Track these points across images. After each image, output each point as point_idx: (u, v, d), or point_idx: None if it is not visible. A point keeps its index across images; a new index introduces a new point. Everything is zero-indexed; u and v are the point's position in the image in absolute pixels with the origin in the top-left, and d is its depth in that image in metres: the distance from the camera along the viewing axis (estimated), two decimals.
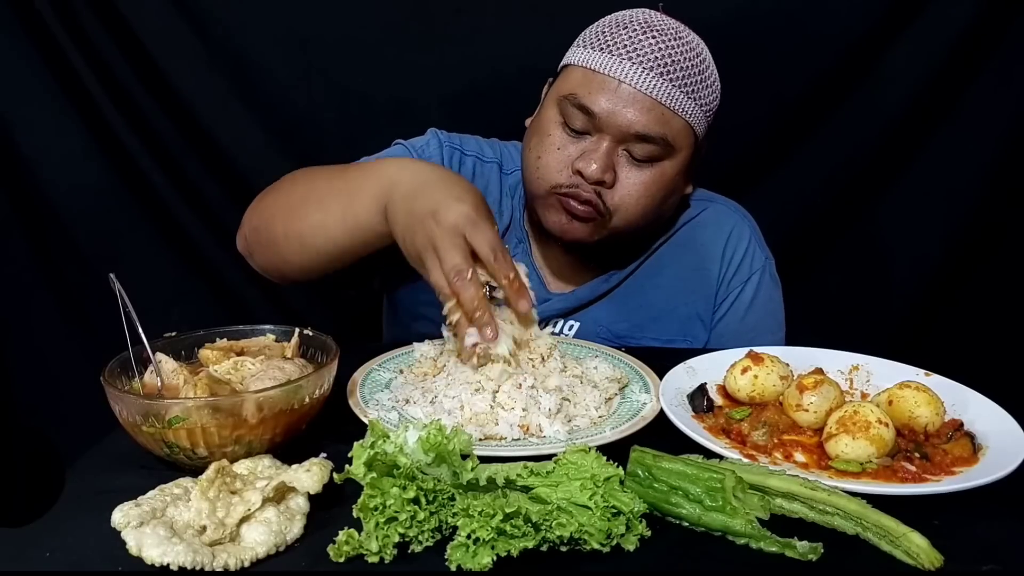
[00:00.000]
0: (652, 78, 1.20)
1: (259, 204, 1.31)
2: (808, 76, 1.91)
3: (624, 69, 1.21)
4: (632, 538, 0.73)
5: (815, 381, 0.98)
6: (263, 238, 1.27)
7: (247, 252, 1.33)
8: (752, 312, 1.44)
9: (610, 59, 1.22)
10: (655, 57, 1.21)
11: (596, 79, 1.23)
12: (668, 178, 1.28)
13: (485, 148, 1.50)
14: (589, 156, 1.23)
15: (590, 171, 1.23)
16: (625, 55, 1.21)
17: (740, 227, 1.47)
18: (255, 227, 1.29)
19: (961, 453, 0.90)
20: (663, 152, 1.25)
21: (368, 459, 0.74)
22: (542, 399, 0.99)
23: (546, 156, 1.28)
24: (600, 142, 1.24)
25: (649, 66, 1.20)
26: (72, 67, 1.89)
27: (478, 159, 1.47)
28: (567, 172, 1.26)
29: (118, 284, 0.92)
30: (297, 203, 1.23)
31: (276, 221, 1.25)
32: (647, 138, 1.23)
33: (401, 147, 1.44)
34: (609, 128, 1.23)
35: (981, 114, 1.91)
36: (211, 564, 0.69)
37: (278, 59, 1.92)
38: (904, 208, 2.00)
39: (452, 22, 1.90)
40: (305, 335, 1.05)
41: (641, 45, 1.21)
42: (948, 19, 1.85)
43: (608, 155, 1.23)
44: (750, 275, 1.45)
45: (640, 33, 1.23)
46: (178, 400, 0.86)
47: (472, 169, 1.46)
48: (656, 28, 1.24)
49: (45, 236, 2.01)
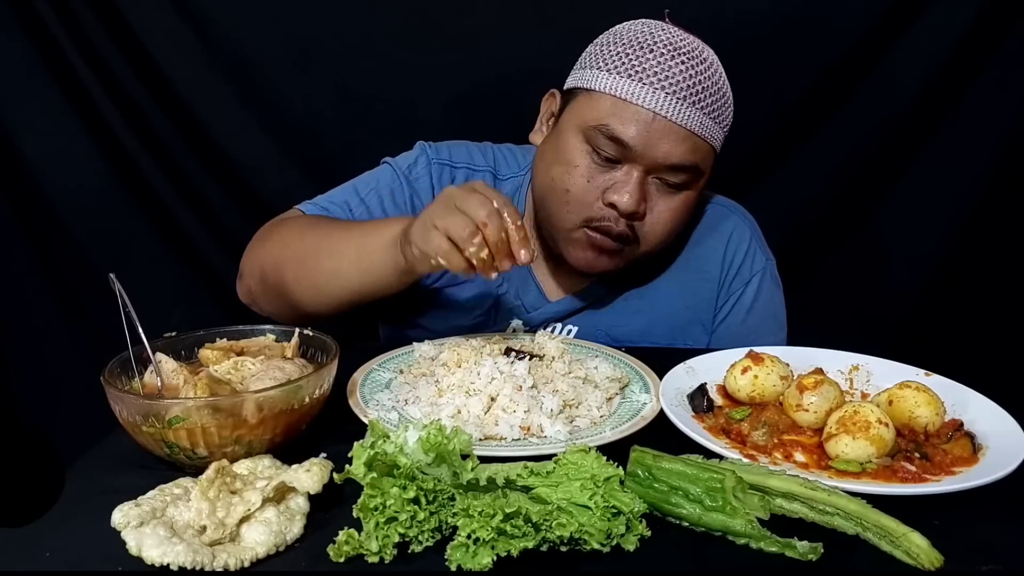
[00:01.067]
0: (686, 108, 1.19)
1: (259, 253, 1.31)
2: (809, 76, 1.91)
3: (658, 100, 1.18)
4: (632, 538, 0.73)
5: (815, 381, 0.98)
6: (271, 287, 1.28)
7: (250, 300, 1.34)
8: (753, 314, 1.44)
9: (642, 88, 1.19)
10: (687, 86, 1.19)
11: (629, 109, 1.19)
12: (692, 201, 1.30)
13: (476, 156, 1.47)
14: (622, 188, 1.21)
15: (624, 203, 1.21)
16: (658, 84, 1.18)
17: (741, 228, 1.46)
18: (261, 277, 1.29)
19: (961, 453, 0.90)
20: (693, 179, 1.25)
21: (368, 459, 0.75)
22: (545, 400, 0.99)
23: (575, 189, 1.24)
24: (631, 172, 1.22)
25: (682, 96, 1.19)
26: (72, 68, 1.89)
27: (469, 169, 1.45)
28: (598, 204, 1.24)
29: (118, 284, 0.92)
30: (309, 252, 1.24)
31: (286, 270, 1.25)
32: (680, 168, 1.22)
33: (388, 167, 1.42)
34: (643, 159, 1.21)
35: (982, 115, 1.91)
36: (211, 564, 0.69)
37: (279, 60, 1.92)
38: (904, 208, 2.00)
39: (453, 22, 1.90)
40: (305, 335, 1.05)
41: (672, 72, 1.19)
42: (949, 20, 1.84)
43: (640, 186, 1.22)
44: (751, 277, 1.44)
45: (669, 59, 1.19)
46: (178, 400, 0.86)
47: (464, 182, 1.44)
48: (683, 52, 1.21)
49: (45, 237, 2.01)
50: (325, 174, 1.89)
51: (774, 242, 1.52)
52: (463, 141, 1.51)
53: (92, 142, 1.95)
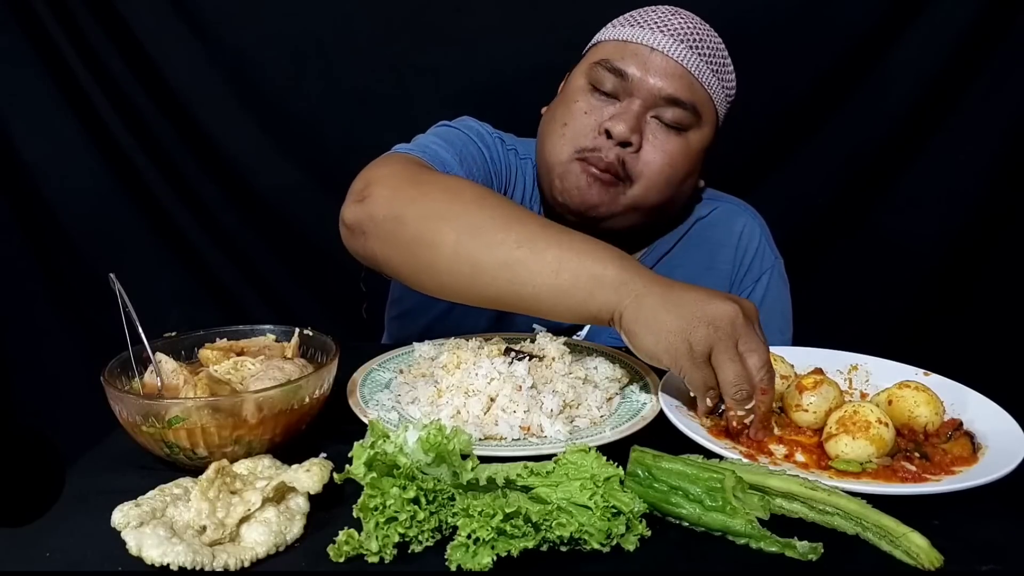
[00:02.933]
0: (684, 49, 1.25)
1: (410, 191, 1.06)
2: (810, 76, 1.91)
3: (656, 39, 1.25)
4: (632, 538, 0.73)
5: (815, 381, 0.98)
6: (404, 231, 1.03)
7: (360, 230, 1.07)
8: (762, 311, 1.39)
9: (642, 31, 1.27)
10: (685, 31, 1.27)
11: (629, 47, 1.27)
12: (693, 151, 1.30)
13: (518, 144, 1.46)
14: (619, 117, 1.25)
15: (618, 130, 1.23)
16: (656, 28, 1.27)
17: (751, 226, 1.47)
18: (397, 216, 1.04)
19: (961, 453, 0.90)
20: (691, 120, 1.27)
21: (368, 459, 0.74)
22: (545, 400, 0.99)
23: (573, 121, 1.28)
24: (631, 104, 1.25)
25: (680, 38, 1.26)
26: (70, 68, 1.89)
27: (515, 154, 1.44)
28: (592, 134, 1.26)
29: (118, 284, 0.92)
30: (492, 227, 1.00)
31: (446, 227, 1.01)
32: (677, 102, 1.25)
33: (472, 120, 1.40)
34: (640, 91, 1.25)
35: (983, 114, 1.91)
36: (211, 564, 0.69)
37: (277, 59, 1.92)
38: (904, 208, 2.01)
39: (452, 22, 1.90)
40: (305, 335, 1.05)
41: (672, 22, 1.28)
42: (950, 18, 1.85)
43: (638, 117, 1.25)
44: (760, 275, 1.45)
45: (669, 14, 1.29)
46: (178, 400, 0.86)
47: (514, 163, 1.42)
48: (682, 13, 1.31)
49: (45, 237, 2.01)
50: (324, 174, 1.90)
51: (775, 240, 1.52)
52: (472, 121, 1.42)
53: (91, 143, 1.95)
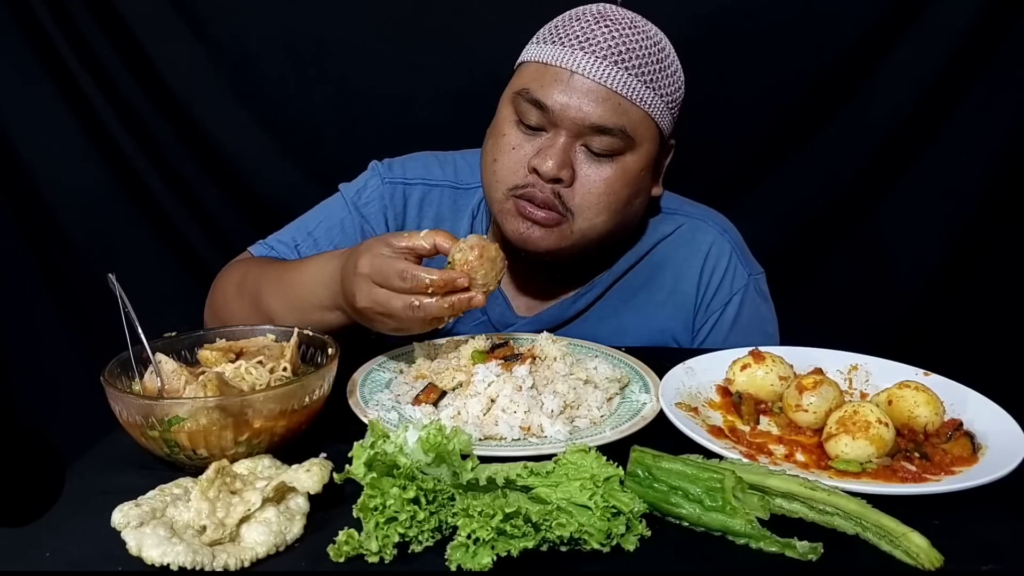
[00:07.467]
0: (606, 67, 1.15)
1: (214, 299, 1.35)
2: (810, 77, 1.91)
3: (576, 59, 1.16)
4: (632, 538, 0.73)
5: (814, 381, 0.98)
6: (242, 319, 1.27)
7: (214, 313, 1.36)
8: (736, 331, 1.36)
9: (562, 51, 1.18)
10: (608, 46, 1.16)
11: (548, 72, 1.18)
12: (632, 174, 1.22)
13: (434, 169, 1.43)
14: (544, 153, 1.18)
15: (545, 168, 1.17)
16: (577, 45, 1.17)
17: (719, 245, 1.38)
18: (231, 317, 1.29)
19: (961, 453, 0.90)
20: (623, 145, 1.19)
21: (368, 459, 0.75)
22: (546, 400, 0.99)
23: (502, 158, 1.22)
24: (556, 138, 1.18)
25: (602, 55, 1.16)
26: (70, 69, 1.89)
27: (425, 184, 1.41)
28: (523, 172, 1.20)
29: (118, 285, 0.92)
30: (254, 295, 1.25)
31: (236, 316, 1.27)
32: (604, 129, 1.17)
33: (339, 196, 1.41)
34: (564, 122, 1.17)
35: (981, 115, 1.91)
36: (211, 564, 0.69)
37: (277, 60, 1.92)
38: (904, 208, 2.01)
39: (452, 21, 1.90)
40: (305, 335, 1.05)
41: (593, 34, 1.17)
42: (949, 20, 1.85)
43: (564, 151, 1.18)
44: (731, 296, 1.37)
45: (592, 24, 1.19)
46: (178, 401, 0.86)
47: (420, 199, 1.41)
48: (609, 18, 1.20)
49: (44, 238, 2.01)
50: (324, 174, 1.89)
51: (774, 243, 1.51)
52: (424, 153, 1.47)
53: (90, 143, 1.95)
